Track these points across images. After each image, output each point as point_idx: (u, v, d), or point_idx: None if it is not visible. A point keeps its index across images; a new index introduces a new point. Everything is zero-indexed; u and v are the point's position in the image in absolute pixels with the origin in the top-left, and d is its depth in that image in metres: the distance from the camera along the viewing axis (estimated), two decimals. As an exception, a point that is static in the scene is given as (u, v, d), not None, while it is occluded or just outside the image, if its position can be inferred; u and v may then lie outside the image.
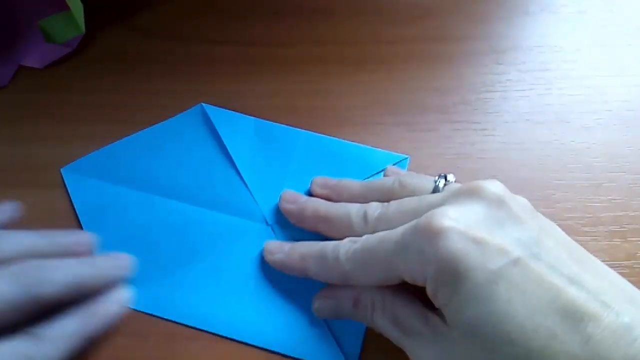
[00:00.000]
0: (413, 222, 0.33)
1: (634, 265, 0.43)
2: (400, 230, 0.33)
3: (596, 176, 0.46)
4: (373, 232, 0.36)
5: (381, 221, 0.37)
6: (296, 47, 0.52)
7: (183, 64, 0.51)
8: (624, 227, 0.44)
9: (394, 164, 0.46)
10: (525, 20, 0.53)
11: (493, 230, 0.31)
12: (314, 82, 0.50)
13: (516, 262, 0.30)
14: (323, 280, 0.38)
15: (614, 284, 0.31)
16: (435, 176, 0.39)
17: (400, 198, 0.38)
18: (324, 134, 0.47)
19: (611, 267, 0.41)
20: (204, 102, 0.49)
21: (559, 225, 0.43)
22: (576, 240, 0.43)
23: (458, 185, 0.37)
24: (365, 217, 0.38)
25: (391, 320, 0.35)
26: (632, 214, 0.44)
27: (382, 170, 0.45)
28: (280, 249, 0.40)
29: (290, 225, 0.43)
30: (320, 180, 0.44)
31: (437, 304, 0.32)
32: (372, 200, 0.39)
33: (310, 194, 0.44)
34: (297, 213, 0.42)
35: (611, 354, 0.27)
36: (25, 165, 0.47)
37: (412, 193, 0.38)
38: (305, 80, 0.50)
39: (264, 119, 0.48)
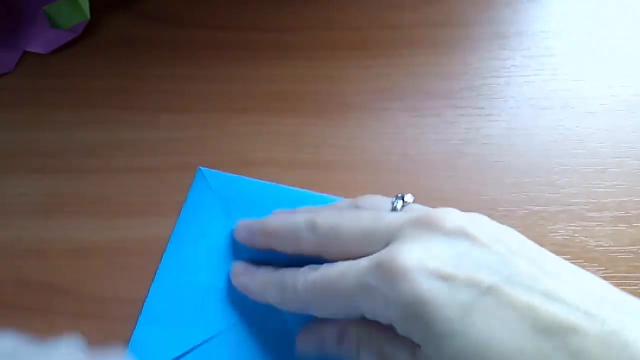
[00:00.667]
0: (374, 259, 0.31)
1: (639, 251, 0.43)
2: (361, 265, 0.32)
3: (601, 161, 0.46)
4: (322, 248, 0.35)
5: (332, 233, 0.35)
6: (301, 33, 0.52)
7: (188, 49, 0.51)
8: (628, 213, 0.44)
9: None
10: (530, 5, 0.53)
11: (460, 263, 0.30)
12: (319, 67, 0.50)
13: (488, 290, 0.29)
14: (286, 309, 0.37)
15: (592, 290, 0.30)
16: (392, 197, 0.37)
17: None
18: (328, 119, 0.47)
19: (616, 252, 0.42)
20: (211, 88, 0.49)
21: (564, 211, 0.44)
22: (580, 226, 0.43)
23: (416, 211, 0.35)
24: (314, 227, 0.36)
25: (377, 355, 0.34)
26: (637, 199, 0.44)
27: None
28: (245, 271, 0.39)
29: None
30: (276, 214, 0.42)
31: (409, 337, 0.31)
32: None
33: None
34: (248, 235, 0.40)
35: None
36: (30, 151, 0.47)
37: None
38: (310, 66, 0.50)
39: (269, 104, 0.48)
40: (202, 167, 0.46)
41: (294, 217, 0.37)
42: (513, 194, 0.45)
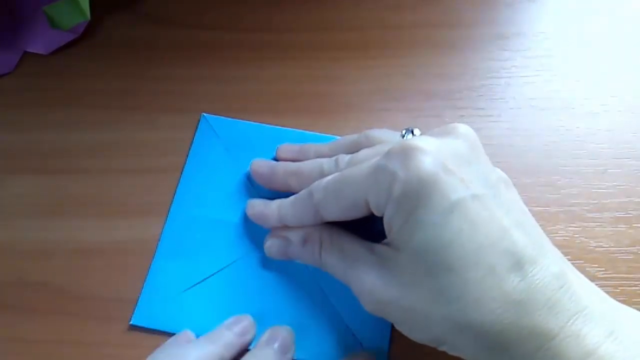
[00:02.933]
0: (387, 148, 0.33)
1: (639, 252, 0.43)
2: (375, 158, 0.34)
3: (601, 162, 0.46)
4: None
5: (353, 164, 0.37)
6: (301, 33, 0.52)
7: (188, 49, 0.51)
8: (629, 213, 0.44)
9: None
10: (530, 6, 0.53)
11: (461, 165, 0.32)
12: (319, 68, 0.50)
13: (474, 197, 0.31)
14: (296, 222, 0.39)
15: (550, 242, 0.33)
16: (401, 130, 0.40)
17: None
18: (329, 119, 0.47)
19: (616, 253, 0.42)
20: (210, 88, 0.49)
21: (565, 211, 0.44)
22: (581, 226, 0.43)
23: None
24: (337, 163, 0.39)
25: (337, 254, 0.36)
26: (637, 200, 0.44)
27: None
28: (261, 203, 0.41)
29: None
30: (284, 147, 0.45)
31: (389, 228, 0.33)
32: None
33: None
34: (268, 172, 0.42)
35: (537, 295, 0.29)
36: (31, 151, 0.47)
37: (379, 144, 0.39)
38: (310, 66, 0.50)
39: (269, 105, 0.48)
40: (205, 114, 0.48)
41: (316, 160, 0.40)
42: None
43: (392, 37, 0.51)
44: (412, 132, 0.39)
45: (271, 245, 0.40)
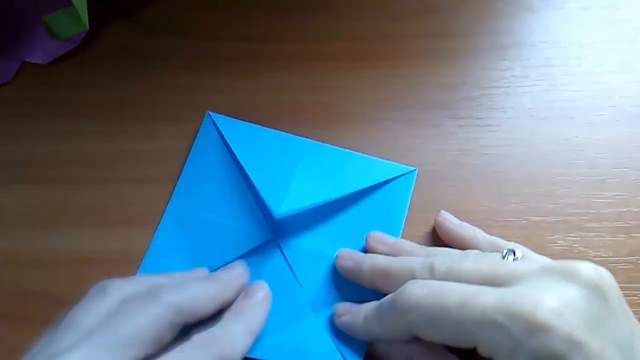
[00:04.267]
0: (507, 299, 0.30)
1: (638, 261, 0.43)
2: (488, 299, 0.31)
3: (600, 172, 0.46)
4: None
5: (452, 275, 0.34)
6: (301, 43, 0.52)
7: (188, 59, 0.51)
8: (627, 223, 0.44)
9: (400, 175, 0.46)
10: (530, 16, 0.53)
11: (594, 330, 0.30)
12: (319, 77, 0.50)
13: None
14: (385, 336, 0.37)
15: None
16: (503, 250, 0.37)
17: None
18: (329, 129, 0.47)
19: (615, 263, 0.42)
20: (210, 98, 0.49)
21: (563, 221, 0.44)
22: (580, 236, 0.43)
23: (540, 261, 0.35)
24: (432, 269, 0.35)
25: None
26: (636, 209, 0.44)
27: (388, 180, 0.45)
28: (349, 312, 0.40)
29: (297, 244, 0.43)
30: (376, 236, 0.42)
31: None
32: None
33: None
34: (353, 267, 0.40)
35: None
36: (30, 161, 0.47)
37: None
38: (311, 76, 0.50)
39: (270, 114, 0.48)
40: (210, 112, 0.48)
41: (408, 259, 0.38)
42: (512, 205, 0.45)
43: (392, 47, 0.51)
44: (514, 253, 0.36)
45: (372, 348, 0.39)
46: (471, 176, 0.46)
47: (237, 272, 0.40)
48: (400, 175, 0.46)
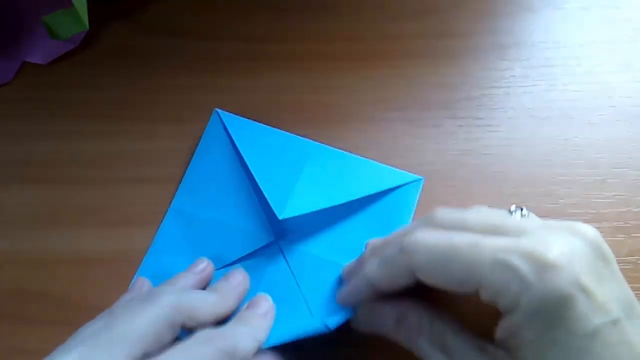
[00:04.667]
0: (517, 242, 0.30)
1: (638, 261, 0.43)
2: (499, 242, 0.31)
3: (600, 172, 0.46)
4: None
5: (456, 224, 0.34)
6: (301, 43, 0.52)
7: (188, 59, 0.51)
8: (627, 223, 0.44)
9: (407, 184, 0.45)
10: (530, 16, 0.53)
11: (600, 282, 0.30)
12: (319, 77, 0.50)
13: (613, 322, 0.29)
14: (388, 285, 0.35)
15: None
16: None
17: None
18: (329, 129, 0.47)
19: (615, 262, 0.42)
20: (210, 98, 0.49)
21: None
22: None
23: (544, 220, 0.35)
24: (432, 220, 0.35)
25: (440, 347, 0.33)
26: (636, 210, 0.44)
27: (394, 188, 0.45)
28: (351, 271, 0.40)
29: (300, 248, 0.44)
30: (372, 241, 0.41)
31: (515, 336, 0.31)
32: None
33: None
34: (355, 265, 0.40)
35: None
36: (30, 161, 0.47)
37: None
38: (311, 76, 0.50)
39: (270, 114, 0.48)
40: (217, 109, 0.48)
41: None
42: (512, 205, 0.44)
43: (392, 47, 0.51)
44: (522, 211, 0.35)
45: (361, 316, 0.38)
46: (471, 176, 0.46)
47: (237, 281, 0.40)
48: (407, 184, 0.45)
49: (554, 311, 0.29)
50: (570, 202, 0.45)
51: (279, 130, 0.47)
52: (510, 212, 0.35)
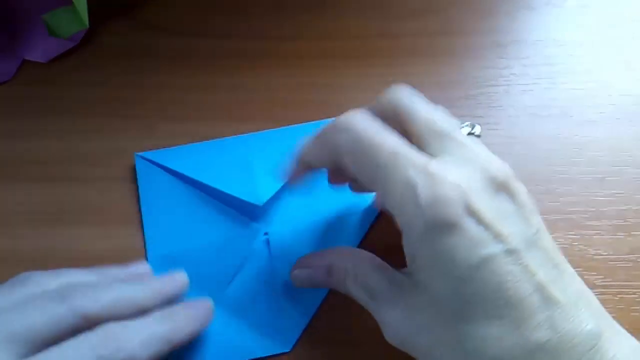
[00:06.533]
0: (429, 164, 0.31)
1: (638, 260, 0.43)
2: (416, 158, 0.31)
3: (600, 170, 0.46)
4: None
5: (398, 115, 0.34)
6: (300, 42, 0.52)
7: (188, 57, 0.51)
8: (627, 221, 0.44)
9: None
10: (529, 14, 0.53)
11: (498, 214, 0.30)
12: (318, 76, 0.50)
13: (508, 252, 0.29)
14: (316, 161, 0.37)
15: (589, 292, 0.32)
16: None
17: None
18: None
19: (615, 261, 0.42)
20: (209, 96, 0.49)
21: (563, 219, 0.44)
22: (579, 234, 0.43)
23: (476, 152, 0.33)
24: (380, 102, 0.35)
25: (361, 285, 0.35)
26: (636, 207, 0.44)
27: None
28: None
29: (285, 241, 0.44)
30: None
31: (409, 255, 0.32)
32: None
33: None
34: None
35: (564, 355, 0.28)
36: (29, 159, 0.47)
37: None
38: (311, 74, 0.50)
39: (268, 113, 0.48)
40: (137, 153, 0.47)
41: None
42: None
43: (391, 45, 0.51)
44: (472, 129, 0.37)
45: (298, 274, 0.39)
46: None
47: (173, 280, 0.38)
48: None
49: (439, 238, 0.29)
50: (570, 200, 0.45)
51: (203, 142, 0.47)
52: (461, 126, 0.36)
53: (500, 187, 0.31)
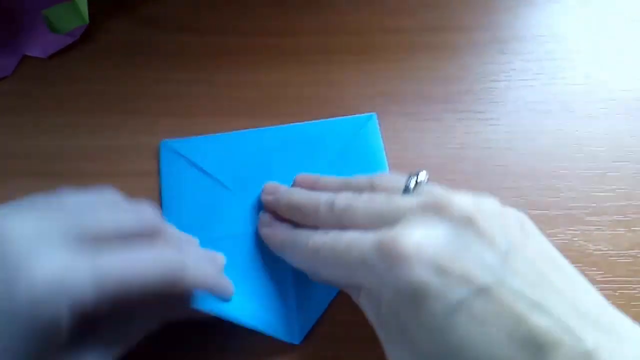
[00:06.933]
0: (377, 237, 0.31)
1: (638, 255, 0.43)
2: (367, 241, 0.32)
3: (600, 165, 0.46)
4: (338, 222, 0.36)
5: (347, 213, 0.36)
6: (302, 38, 0.52)
7: (187, 54, 0.51)
8: (627, 217, 0.44)
9: (364, 125, 0.47)
10: (530, 9, 0.53)
11: (458, 255, 0.29)
12: (319, 71, 0.50)
13: (479, 291, 0.28)
14: (296, 266, 0.39)
15: (582, 303, 0.29)
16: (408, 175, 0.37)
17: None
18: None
19: (615, 256, 0.42)
20: (210, 93, 0.49)
21: (564, 215, 0.44)
22: (580, 230, 0.43)
23: (428, 192, 0.34)
24: (332, 206, 0.37)
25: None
26: (636, 203, 0.44)
27: (354, 133, 0.47)
28: (270, 224, 0.42)
29: None
30: (300, 178, 0.44)
31: (384, 326, 0.32)
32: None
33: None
34: (274, 203, 0.42)
35: None
36: (30, 155, 0.47)
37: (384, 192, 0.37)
38: (311, 70, 0.50)
39: (270, 109, 0.48)
40: (164, 140, 0.47)
41: (316, 195, 0.39)
42: (512, 198, 0.45)
43: (392, 41, 0.51)
44: (417, 178, 0.36)
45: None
46: (471, 170, 0.46)
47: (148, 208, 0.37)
48: (364, 125, 0.47)
49: (409, 302, 0.29)
50: (570, 196, 0.45)
51: (226, 133, 0.47)
52: (407, 183, 0.36)
53: (461, 224, 0.31)
